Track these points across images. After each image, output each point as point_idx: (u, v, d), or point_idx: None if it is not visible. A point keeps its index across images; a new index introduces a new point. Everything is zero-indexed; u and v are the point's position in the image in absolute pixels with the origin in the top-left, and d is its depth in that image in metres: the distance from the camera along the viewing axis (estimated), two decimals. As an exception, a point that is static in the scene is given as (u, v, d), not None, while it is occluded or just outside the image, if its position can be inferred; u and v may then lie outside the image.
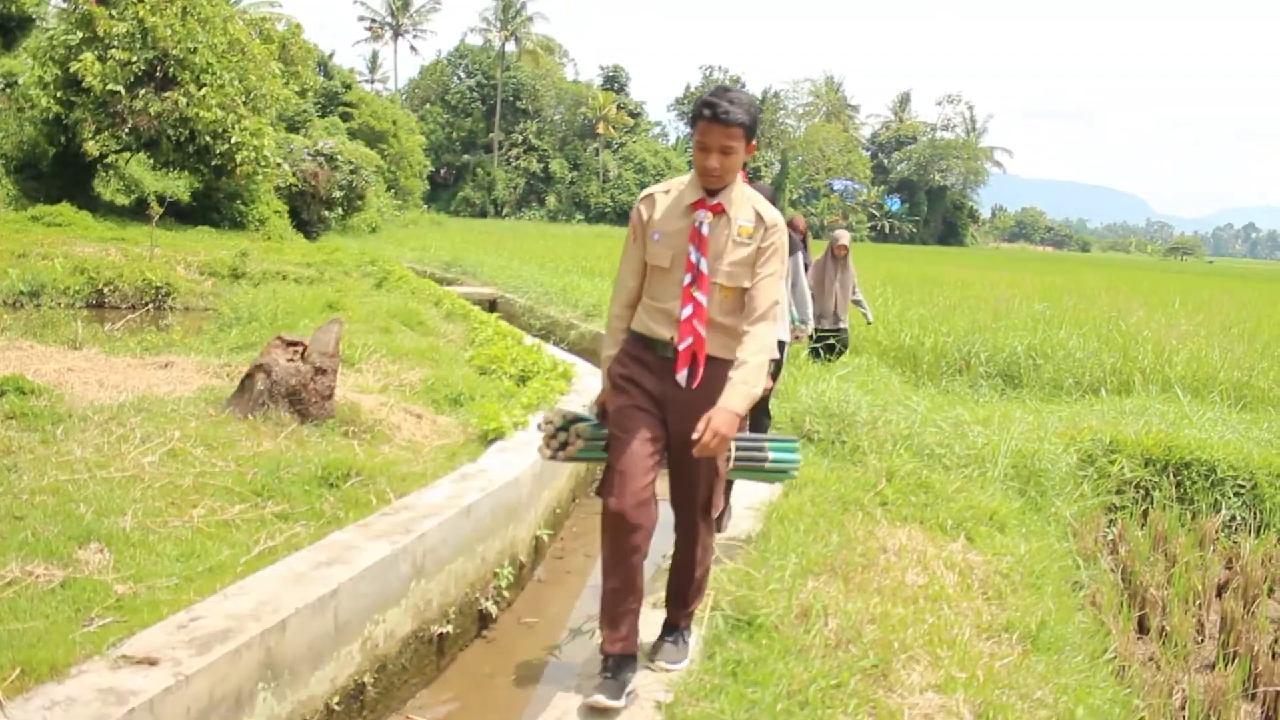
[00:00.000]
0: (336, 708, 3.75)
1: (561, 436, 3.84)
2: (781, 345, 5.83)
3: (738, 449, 3.80)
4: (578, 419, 3.83)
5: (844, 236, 10.57)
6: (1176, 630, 5.12)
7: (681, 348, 3.37)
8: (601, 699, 3.31)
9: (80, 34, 21.15)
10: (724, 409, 3.18)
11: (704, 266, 3.37)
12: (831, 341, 10.34)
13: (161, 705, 2.85)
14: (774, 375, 5.84)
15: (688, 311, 3.38)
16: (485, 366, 8.56)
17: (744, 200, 3.47)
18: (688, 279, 3.40)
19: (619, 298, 3.63)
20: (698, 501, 3.63)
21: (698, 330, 3.37)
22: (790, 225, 10.75)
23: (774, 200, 5.40)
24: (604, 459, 3.64)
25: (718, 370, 3.36)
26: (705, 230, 3.40)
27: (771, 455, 3.95)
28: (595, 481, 7.24)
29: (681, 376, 3.38)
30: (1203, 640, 5.30)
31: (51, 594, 3.47)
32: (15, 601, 3.37)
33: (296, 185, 27.23)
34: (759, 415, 5.83)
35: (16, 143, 22.93)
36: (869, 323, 11.54)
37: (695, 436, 3.14)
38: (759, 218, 3.44)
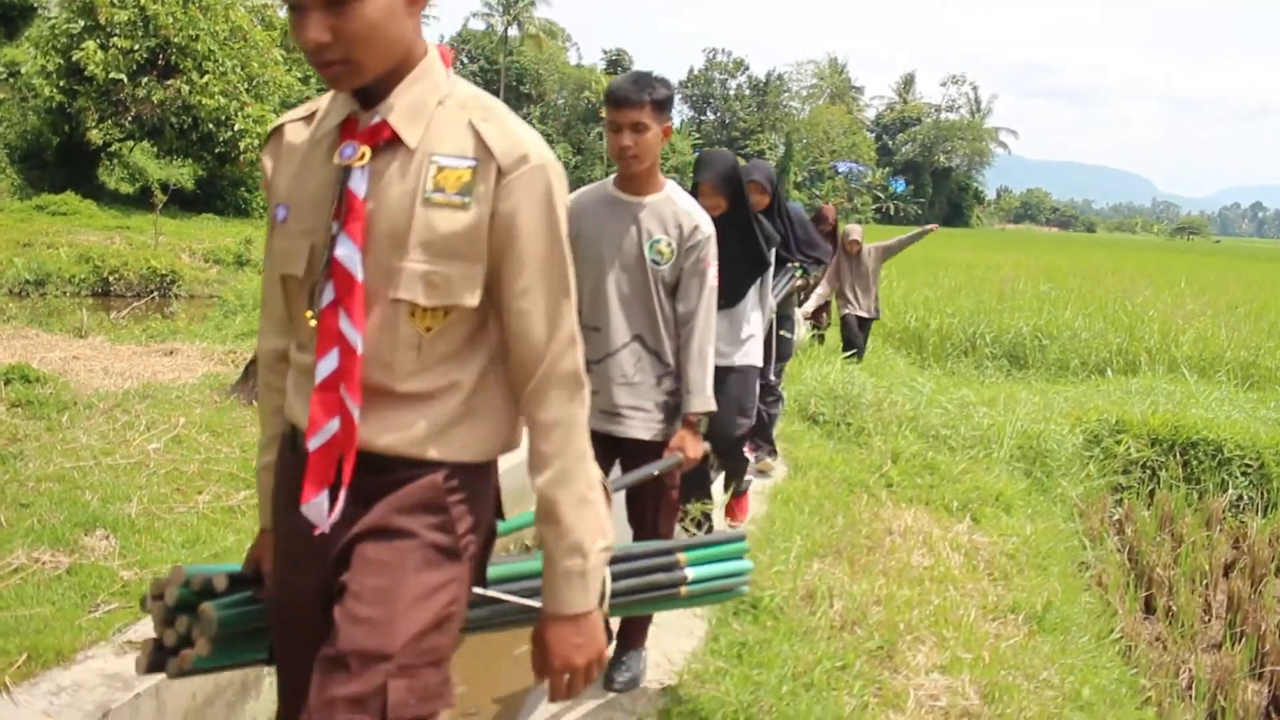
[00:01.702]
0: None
1: (180, 628, 1.96)
2: (787, 341, 5.95)
3: (617, 577, 2.45)
4: (206, 591, 1.91)
5: (855, 231, 9.97)
6: (1183, 610, 5.12)
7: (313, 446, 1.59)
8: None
9: (82, 22, 21.12)
10: (554, 617, 1.66)
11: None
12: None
13: (167, 691, 2.86)
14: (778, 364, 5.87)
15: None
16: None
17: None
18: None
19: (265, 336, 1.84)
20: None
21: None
22: (820, 216, 10.59)
23: (774, 181, 5.35)
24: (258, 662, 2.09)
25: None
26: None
27: (692, 574, 2.66)
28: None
29: (311, 508, 1.59)
30: (1209, 620, 5.31)
31: (58, 580, 3.47)
32: (22, 588, 3.38)
33: (300, 172, 27.13)
34: (766, 407, 5.69)
35: (20, 132, 22.95)
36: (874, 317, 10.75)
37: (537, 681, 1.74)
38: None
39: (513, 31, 78.97)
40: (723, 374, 4.04)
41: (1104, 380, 9.84)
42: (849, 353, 9.09)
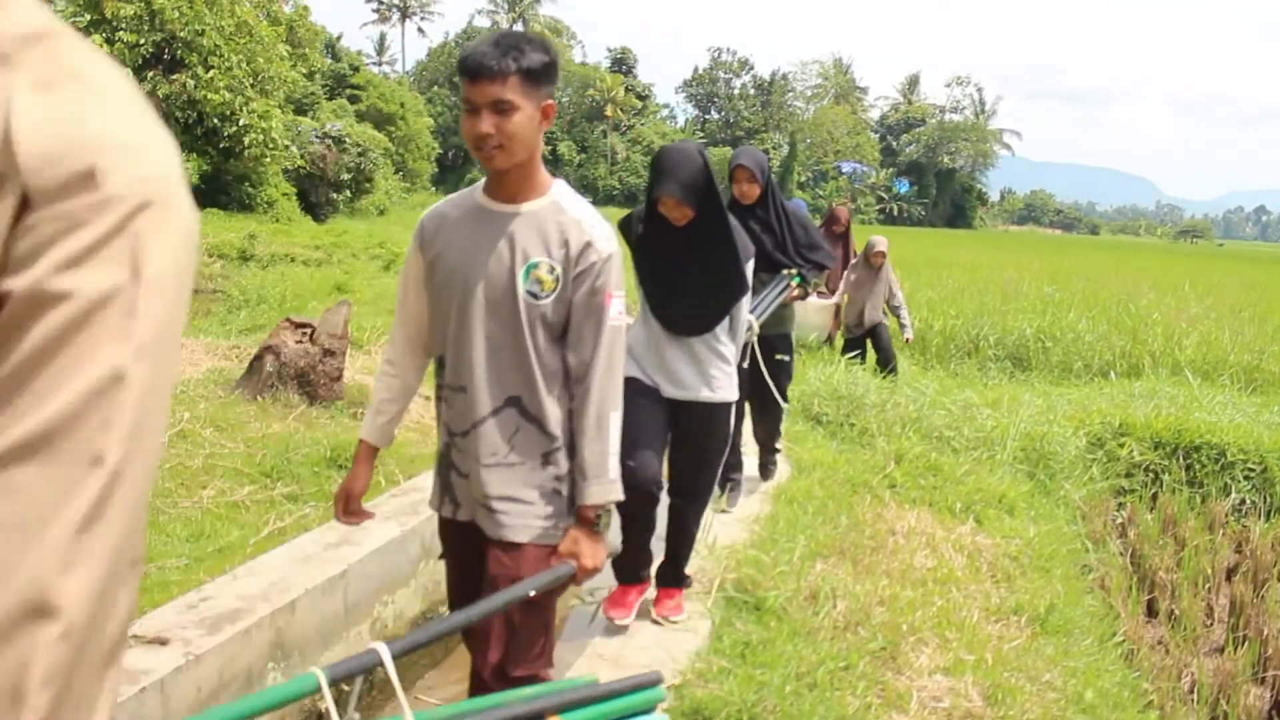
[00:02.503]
0: (345, 687, 3.76)
1: None
2: (784, 365, 5.27)
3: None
4: None
5: (881, 243, 9.01)
6: (1186, 614, 5.11)
7: None
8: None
9: (88, 16, 21.15)
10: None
11: None
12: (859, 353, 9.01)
13: (172, 684, 2.87)
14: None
15: None
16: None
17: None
18: None
19: None
20: None
21: None
22: (832, 218, 10.42)
23: (767, 171, 4.78)
24: None
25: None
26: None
27: None
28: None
29: None
30: (1212, 624, 5.30)
31: (63, 574, 3.47)
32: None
33: (305, 168, 27.22)
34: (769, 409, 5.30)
35: (25, 125, 22.93)
36: (906, 340, 9.71)
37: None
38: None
39: (518, 29, 78.86)
40: (684, 411, 3.65)
41: (1107, 383, 9.83)
42: (887, 369, 8.62)
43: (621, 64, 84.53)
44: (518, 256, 2.25)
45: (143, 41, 21.13)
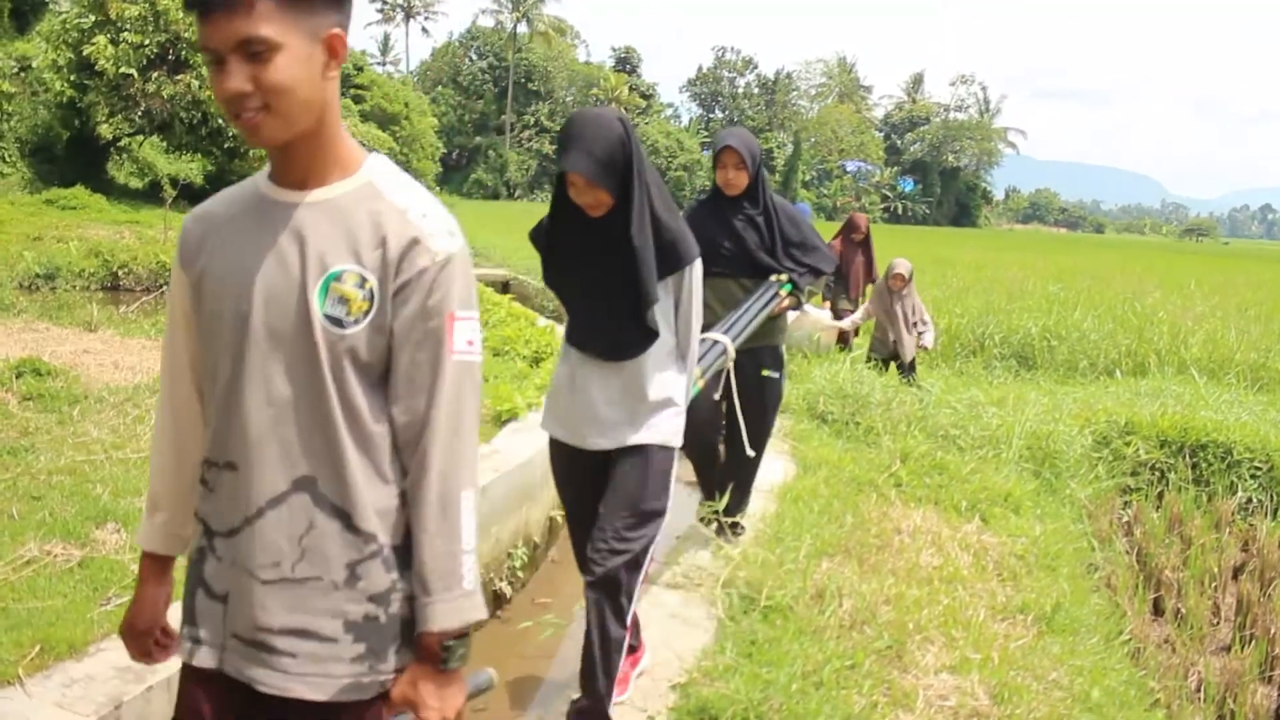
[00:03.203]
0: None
1: None
2: (773, 384, 4.52)
3: None
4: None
5: (902, 265, 8.37)
6: (1192, 613, 5.11)
7: None
8: None
9: (93, 17, 21.15)
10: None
11: None
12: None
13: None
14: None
15: None
16: (498, 348, 8.56)
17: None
18: None
19: None
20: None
21: None
22: (850, 225, 9.96)
23: (758, 157, 4.24)
24: None
25: None
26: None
27: None
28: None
29: None
30: (1218, 623, 5.29)
31: (69, 573, 3.49)
32: (34, 580, 3.39)
33: (309, 168, 27.19)
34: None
35: (31, 126, 23.01)
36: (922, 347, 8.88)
37: None
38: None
39: (521, 28, 78.96)
40: (612, 463, 2.93)
41: (1113, 381, 9.82)
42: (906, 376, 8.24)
43: (625, 63, 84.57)
44: (311, 265, 1.52)
45: (147, 42, 21.12)
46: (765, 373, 4.42)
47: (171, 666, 2.86)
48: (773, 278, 4.24)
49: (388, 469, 1.58)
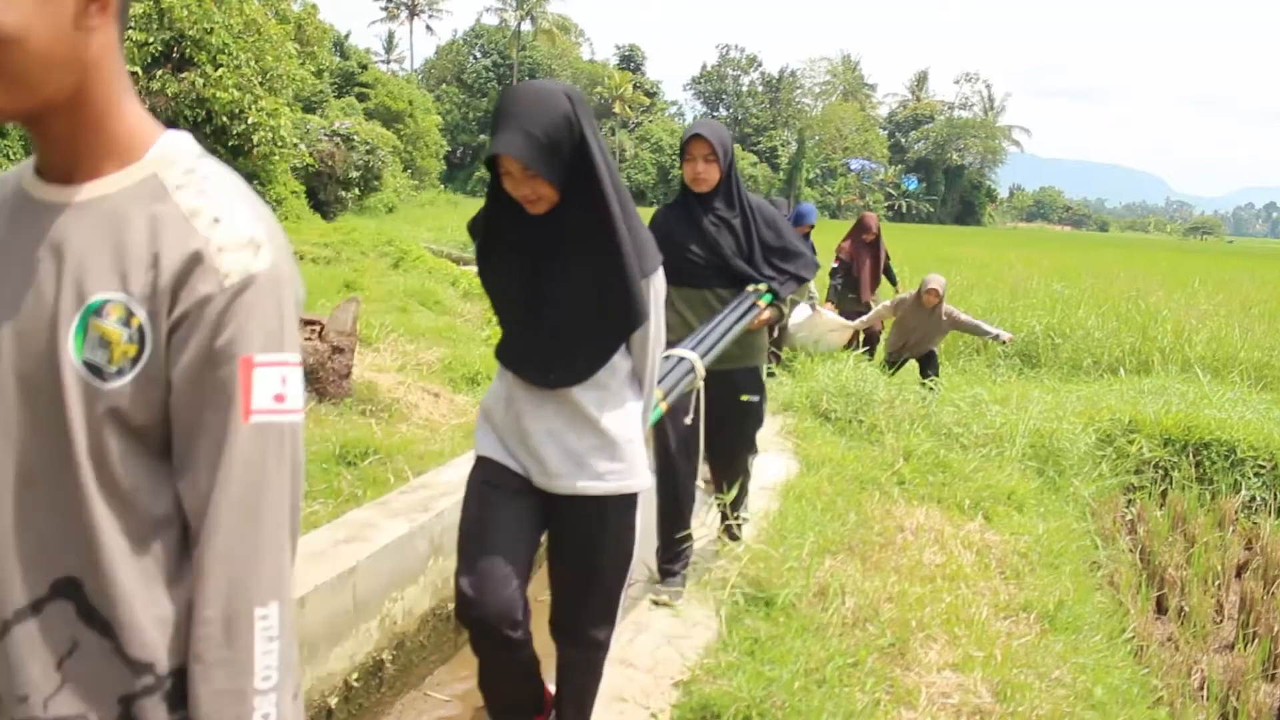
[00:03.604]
0: (355, 684, 3.77)
1: None
2: (752, 410, 4.10)
3: None
4: None
5: (936, 281, 8.12)
6: (1195, 611, 5.10)
7: None
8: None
9: (97, 14, 21.18)
10: None
11: None
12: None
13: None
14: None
15: None
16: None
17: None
18: None
19: None
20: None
21: None
22: (861, 226, 9.69)
23: (730, 149, 3.75)
24: None
25: None
26: None
27: None
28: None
29: None
30: (1222, 621, 5.29)
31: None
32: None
33: (313, 165, 27.22)
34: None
35: (35, 124, 23.04)
36: (1003, 340, 9.00)
37: None
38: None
39: (525, 26, 78.99)
40: (560, 510, 2.48)
41: (1117, 379, 9.81)
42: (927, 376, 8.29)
43: (630, 61, 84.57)
44: (66, 294, 1.10)
45: (151, 40, 21.13)
46: (744, 398, 3.95)
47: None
48: (750, 288, 3.76)
49: (176, 568, 1.14)
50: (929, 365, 8.49)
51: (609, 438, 2.41)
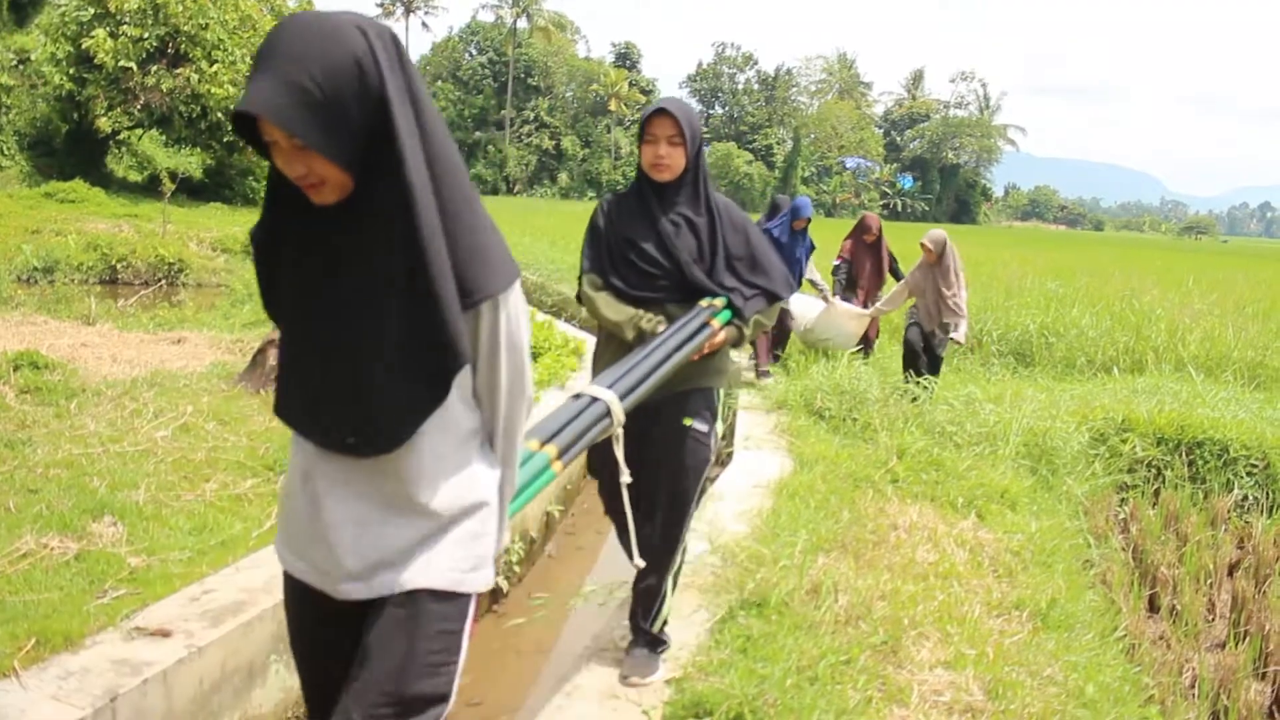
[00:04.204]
0: (349, 680, 3.77)
1: None
2: (699, 441, 3.28)
3: None
4: None
5: (927, 236, 7.82)
6: (1187, 609, 5.11)
7: None
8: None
9: (92, 10, 21.16)
10: None
11: None
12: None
13: (175, 676, 2.88)
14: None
15: None
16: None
17: None
18: None
19: None
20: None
21: None
22: (862, 226, 9.41)
23: (699, 133, 3.17)
24: None
25: None
26: None
27: None
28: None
29: None
30: (1213, 619, 5.30)
31: (66, 566, 3.49)
32: (30, 573, 3.40)
33: (308, 162, 27.21)
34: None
35: (29, 119, 23.02)
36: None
37: None
38: None
39: (521, 24, 78.95)
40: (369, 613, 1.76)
41: (1110, 378, 9.82)
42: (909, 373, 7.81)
43: (625, 59, 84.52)
44: None
45: (146, 35, 21.12)
46: (688, 421, 3.20)
47: (165, 660, 2.87)
48: (704, 302, 3.12)
49: None
50: (934, 364, 7.97)
51: (439, 519, 1.74)
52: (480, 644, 4.74)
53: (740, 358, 9.24)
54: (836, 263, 9.63)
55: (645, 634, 3.39)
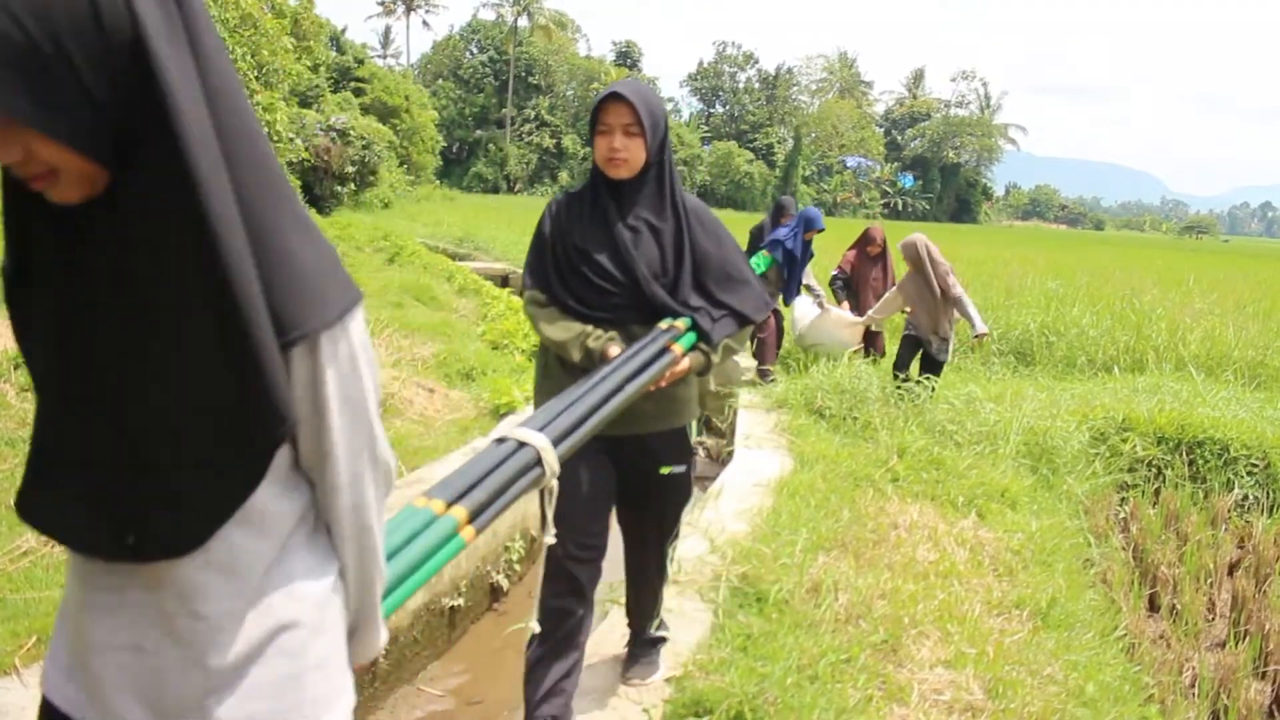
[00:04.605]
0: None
1: None
2: (677, 482, 2.99)
3: None
4: None
5: (908, 239, 7.67)
6: (1187, 608, 5.11)
7: None
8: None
9: (92, 8, 21.17)
10: None
11: None
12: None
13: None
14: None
15: None
16: (497, 341, 8.58)
17: None
18: None
19: None
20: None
21: None
22: (865, 238, 9.08)
23: (662, 121, 2.71)
24: None
25: None
26: None
27: None
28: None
29: None
30: (1213, 619, 5.30)
31: (66, 564, 3.50)
32: (31, 571, 3.40)
33: (309, 160, 27.19)
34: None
35: (28, 117, 23.03)
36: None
37: None
38: None
39: (522, 22, 78.96)
40: None
41: (1111, 378, 9.82)
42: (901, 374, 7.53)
43: (626, 57, 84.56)
44: None
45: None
46: (665, 470, 2.90)
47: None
48: (664, 323, 2.65)
49: None
50: (931, 366, 7.66)
51: (238, 664, 1.19)
52: (480, 643, 4.74)
53: (742, 356, 9.25)
54: (834, 273, 9.38)
55: (643, 635, 3.38)
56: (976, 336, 7.48)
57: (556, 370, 2.76)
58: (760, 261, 8.33)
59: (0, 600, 3.17)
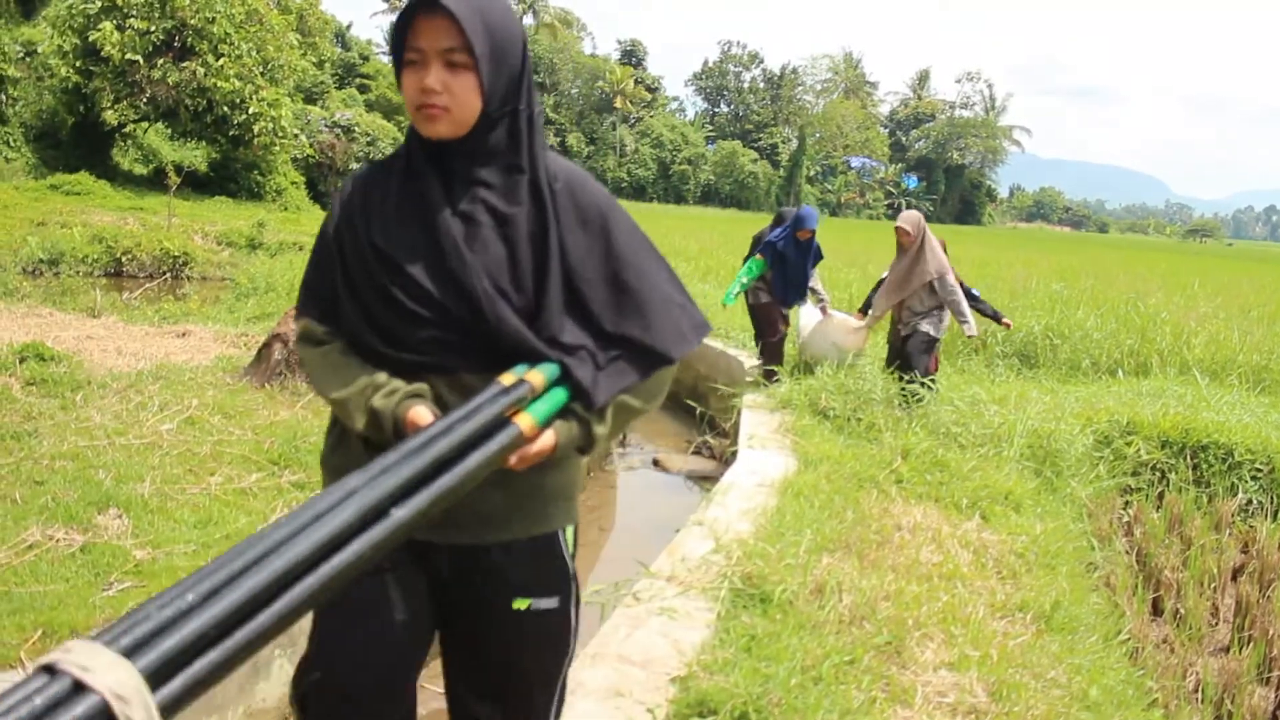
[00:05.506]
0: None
1: None
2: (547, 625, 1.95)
3: None
4: None
5: (902, 219, 7.43)
6: (1191, 613, 5.11)
7: None
8: None
9: (99, 3, 21.17)
10: None
11: None
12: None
13: (180, 670, 2.87)
14: None
15: None
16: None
17: None
18: None
19: None
20: None
21: None
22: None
23: (529, 117, 1.69)
24: None
25: None
26: None
27: None
28: (609, 455, 7.17)
29: None
30: (1217, 623, 5.30)
31: (71, 558, 3.50)
32: (36, 565, 3.40)
33: (314, 156, 27.24)
34: None
35: (36, 111, 23.05)
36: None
37: None
38: None
39: (528, 20, 78.90)
40: None
41: (1115, 381, 9.81)
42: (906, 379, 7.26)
43: (631, 56, 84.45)
44: None
45: (153, 28, 21.12)
46: (522, 604, 1.87)
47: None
48: (507, 377, 1.59)
49: None
50: (906, 361, 7.28)
51: None
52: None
53: (747, 358, 9.23)
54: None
55: None
56: (969, 336, 7.42)
57: (355, 442, 1.73)
58: (752, 266, 8.18)
59: (5, 593, 3.17)
